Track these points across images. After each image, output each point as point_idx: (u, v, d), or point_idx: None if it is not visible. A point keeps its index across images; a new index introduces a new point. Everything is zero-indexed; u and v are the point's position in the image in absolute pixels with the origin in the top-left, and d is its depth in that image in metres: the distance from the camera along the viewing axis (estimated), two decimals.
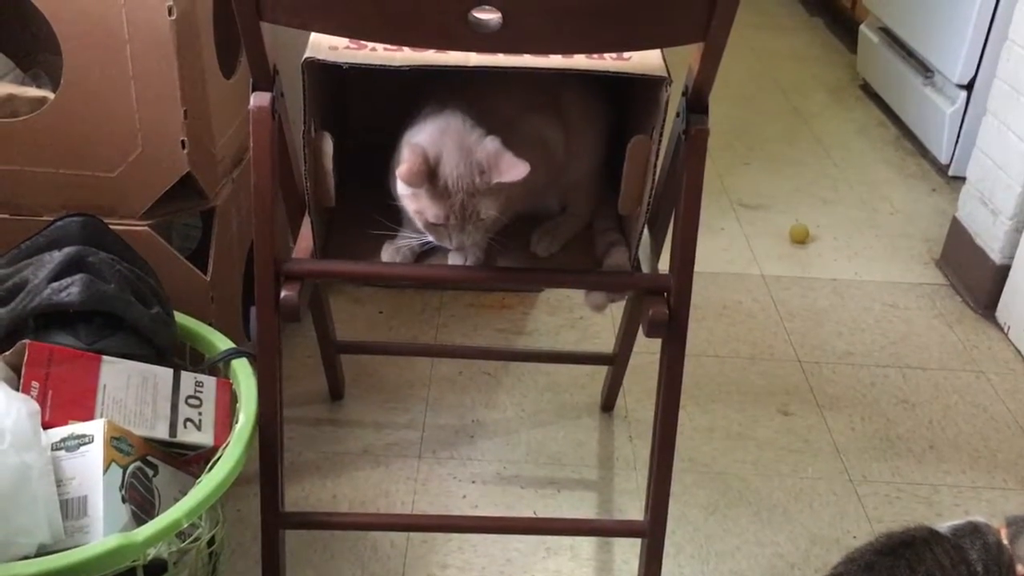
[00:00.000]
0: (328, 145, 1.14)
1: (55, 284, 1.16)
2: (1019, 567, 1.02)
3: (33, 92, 1.36)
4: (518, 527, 1.46)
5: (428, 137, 1.11)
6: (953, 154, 2.61)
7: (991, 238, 2.05)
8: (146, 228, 1.37)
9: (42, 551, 0.99)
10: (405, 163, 1.07)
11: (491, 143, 1.10)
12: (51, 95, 1.33)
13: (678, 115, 1.13)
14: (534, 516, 1.51)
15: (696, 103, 1.09)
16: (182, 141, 1.33)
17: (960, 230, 2.17)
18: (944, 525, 1.06)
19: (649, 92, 1.12)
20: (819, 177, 2.67)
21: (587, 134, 1.28)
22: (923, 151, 2.79)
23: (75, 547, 0.99)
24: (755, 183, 2.61)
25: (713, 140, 1.10)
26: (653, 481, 1.24)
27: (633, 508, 1.53)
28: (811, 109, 3.11)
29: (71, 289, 1.16)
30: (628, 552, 1.43)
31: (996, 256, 2.03)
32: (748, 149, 2.81)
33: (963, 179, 2.19)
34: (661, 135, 1.11)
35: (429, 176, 1.08)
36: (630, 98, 1.27)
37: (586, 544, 1.46)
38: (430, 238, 1.15)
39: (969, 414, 1.78)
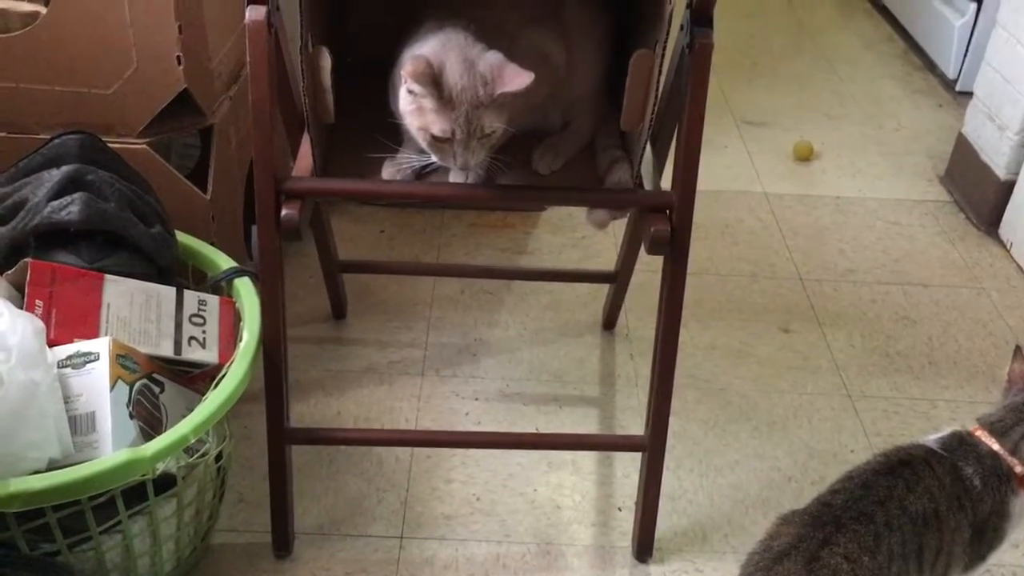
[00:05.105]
0: (326, 60, 1.12)
1: (55, 203, 1.16)
2: (1018, 468, 1.03)
3: (25, 7, 1.34)
4: (520, 442, 1.48)
5: (430, 50, 1.10)
6: (961, 68, 2.56)
7: (997, 154, 2.03)
8: (144, 146, 1.36)
9: (53, 466, 1.01)
10: (409, 65, 1.05)
11: (493, 55, 1.09)
12: (43, 9, 1.30)
13: (682, 28, 1.10)
14: (536, 432, 1.53)
15: (701, 16, 1.07)
16: (177, 57, 1.30)
17: (966, 146, 2.15)
18: (930, 439, 1.07)
19: (653, 5, 1.10)
20: (824, 93, 2.63)
21: (589, 48, 1.26)
22: (931, 66, 2.74)
23: (85, 462, 1.01)
24: (759, 99, 2.57)
25: (717, 55, 1.08)
26: (654, 396, 1.25)
27: (634, 424, 1.55)
28: (817, 23, 3.05)
29: (71, 208, 1.16)
30: (629, 467, 1.46)
31: (1001, 172, 2.01)
32: (753, 64, 2.76)
33: (971, 94, 2.16)
34: (664, 49, 1.09)
35: (434, 81, 1.06)
36: (633, 11, 1.24)
37: (587, 459, 1.48)
38: (433, 158, 1.13)
39: (969, 330, 1.79)
